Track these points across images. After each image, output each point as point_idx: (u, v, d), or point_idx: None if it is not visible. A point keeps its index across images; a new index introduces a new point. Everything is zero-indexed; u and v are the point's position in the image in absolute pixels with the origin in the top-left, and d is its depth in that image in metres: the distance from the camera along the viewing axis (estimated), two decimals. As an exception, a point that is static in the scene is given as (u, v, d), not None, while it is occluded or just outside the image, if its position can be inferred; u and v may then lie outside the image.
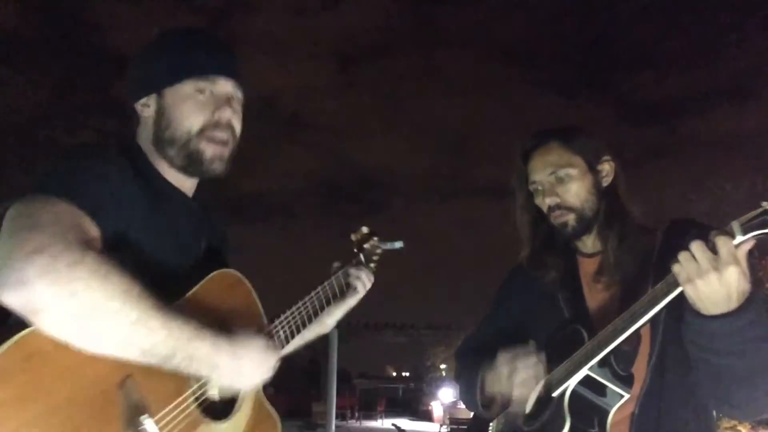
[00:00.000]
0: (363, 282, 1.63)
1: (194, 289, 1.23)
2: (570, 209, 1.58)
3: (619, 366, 1.45)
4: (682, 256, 1.24)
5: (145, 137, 1.34)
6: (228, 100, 1.32)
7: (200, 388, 1.17)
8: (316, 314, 1.48)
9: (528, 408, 1.54)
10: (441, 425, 23.31)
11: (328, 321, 1.62)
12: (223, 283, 1.30)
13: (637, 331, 1.40)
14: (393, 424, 17.95)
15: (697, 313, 1.28)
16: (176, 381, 1.12)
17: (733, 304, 1.23)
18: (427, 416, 30.46)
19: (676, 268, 1.26)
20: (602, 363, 1.44)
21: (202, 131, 1.29)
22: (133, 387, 1.04)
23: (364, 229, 1.71)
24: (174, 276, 1.24)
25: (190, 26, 1.40)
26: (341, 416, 26.72)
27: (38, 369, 0.93)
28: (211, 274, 1.27)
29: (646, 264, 1.54)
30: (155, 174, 1.32)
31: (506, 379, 1.54)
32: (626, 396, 1.43)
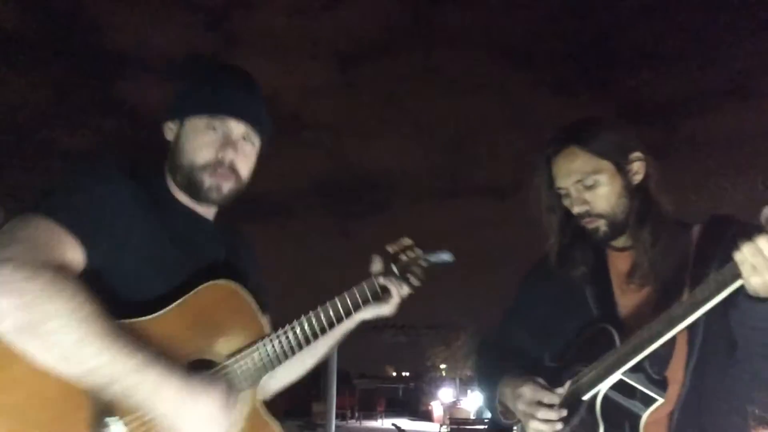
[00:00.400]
0: (396, 293, 1.50)
1: (179, 300, 1.21)
2: (600, 216, 1.51)
3: (653, 369, 1.40)
4: (748, 250, 1.17)
5: (168, 155, 1.41)
6: (234, 143, 1.36)
7: None
8: (338, 321, 1.39)
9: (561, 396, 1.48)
10: (441, 425, 23.31)
11: (355, 319, 1.49)
12: (213, 295, 1.27)
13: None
14: (393, 424, 17.95)
15: (755, 298, 1.23)
16: None
17: None
18: (427, 416, 30.48)
19: (738, 257, 1.18)
20: (636, 367, 1.38)
21: (204, 167, 1.34)
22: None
23: (406, 241, 1.54)
24: (173, 289, 1.24)
25: (226, 63, 1.47)
26: (341, 416, 26.73)
27: (3, 370, 0.98)
28: (199, 287, 1.24)
29: (683, 262, 1.47)
30: (165, 192, 1.38)
31: (523, 415, 1.48)
32: (660, 401, 1.37)
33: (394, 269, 1.50)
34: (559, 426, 1.44)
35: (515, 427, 1.62)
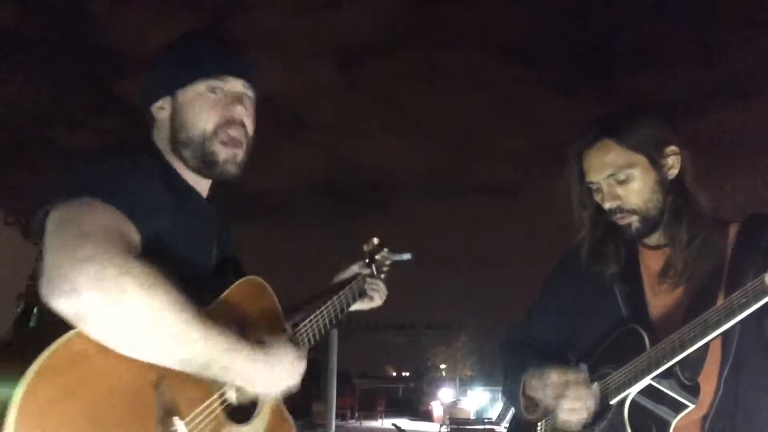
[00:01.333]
0: (381, 294, 1.71)
1: (224, 294, 1.25)
2: (633, 211, 1.46)
3: (685, 375, 1.36)
4: None
5: (161, 140, 1.36)
6: (239, 98, 1.33)
7: (221, 395, 1.18)
8: (336, 317, 1.54)
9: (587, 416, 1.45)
10: (441, 425, 23.30)
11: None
12: (250, 290, 1.33)
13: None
14: (393, 424, 17.95)
15: None
16: (203, 384, 1.14)
17: None
18: (427, 416, 30.47)
19: None
20: (667, 373, 1.34)
21: (215, 130, 1.30)
22: (167, 389, 1.06)
23: (375, 240, 1.75)
24: (197, 279, 1.23)
25: (199, 28, 1.42)
26: (341, 416, 26.72)
27: (82, 367, 0.97)
28: (239, 281, 1.29)
29: (719, 262, 1.43)
30: (175, 175, 1.34)
31: (553, 399, 1.45)
32: (691, 407, 1.34)
33: (374, 269, 1.71)
34: (585, 414, 1.41)
35: (539, 425, 1.60)
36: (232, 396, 1.20)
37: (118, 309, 0.97)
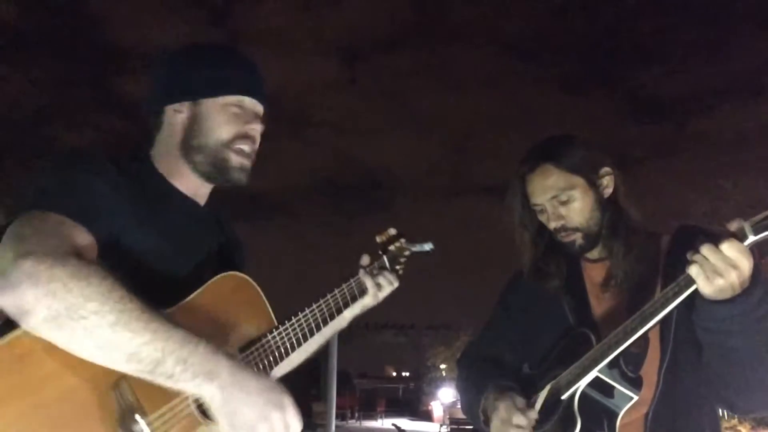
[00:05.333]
0: (383, 287, 1.59)
1: (195, 293, 1.22)
2: (576, 229, 1.58)
3: (628, 368, 1.46)
4: (699, 257, 1.27)
5: (167, 140, 1.38)
6: (257, 117, 1.41)
7: None
8: (331, 317, 1.46)
9: (535, 413, 1.54)
10: (441, 425, 23.31)
11: (347, 315, 1.58)
12: (226, 287, 1.29)
13: (645, 334, 1.41)
14: (393, 424, 17.97)
15: (707, 300, 1.32)
16: None
17: (738, 290, 1.29)
18: (427, 416, 30.50)
19: (693, 270, 1.28)
20: (611, 365, 1.44)
21: (231, 141, 1.36)
22: (127, 387, 1.04)
23: (392, 231, 1.67)
24: (173, 280, 1.25)
25: (222, 44, 1.49)
26: (341, 416, 26.75)
27: (29, 369, 0.95)
28: (215, 278, 1.26)
29: (653, 269, 1.55)
30: (157, 178, 1.36)
31: (500, 426, 1.55)
32: (635, 398, 1.43)
33: (385, 261, 1.61)
34: (537, 403, 1.52)
35: None
36: None
37: (50, 301, 0.96)
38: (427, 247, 1.69)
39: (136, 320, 1.01)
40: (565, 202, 1.57)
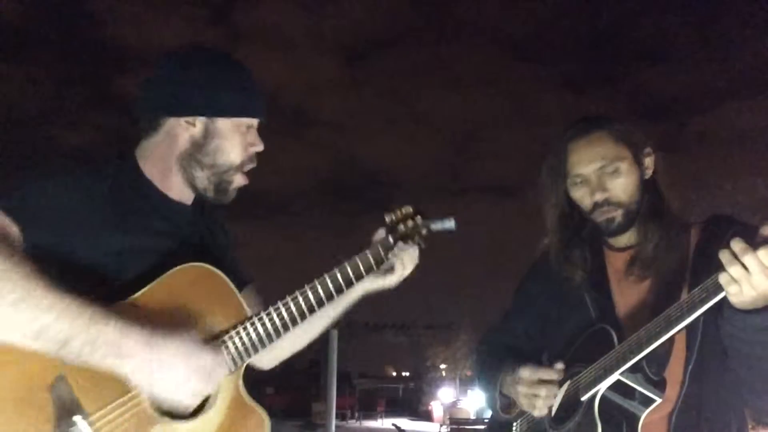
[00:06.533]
0: (410, 260, 1.46)
1: (149, 285, 1.19)
2: (618, 205, 1.51)
3: (651, 370, 1.40)
4: (730, 264, 1.18)
5: (162, 147, 1.36)
6: (258, 135, 1.43)
7: None
8: (319, 304, 1.33)
9: (554, 411, 1.50)
10: (441, 425, 23.29)
11: (359, 288, 1.47)
12: (185, 278, 1.24)
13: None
14: (393, 424, 17.95)
15: (736, 309, 1.24)
16: (121, 380, 1.07)
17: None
18: (427, 416, 30.48)
19: (723, 278, 1.20)
20: (634, 368, 1.38)
21: (241, 165, 1.39)
22: (65, 386, 1.02)
23: (407, 208, 1.43)
24: (149, 278, 1.22)
25: (235, 60, 1.43)
26: (341, 416, 26.73)
27: None
28: (171, 270, 1.22)
29: (682, 262, 1.48)
30: (140, 180, 1.35)
31: (525, 397, 1.51)
32: (658, 401, 1.38)
33: (390, 240, 1.42)
34: (555, 401, 1.47)
35: (515, 424, 1.63)
36: None
37: None
38: (449, 224, 1.45)
39: (41, 298, 0.98)
40: (613, 173, 1.50)
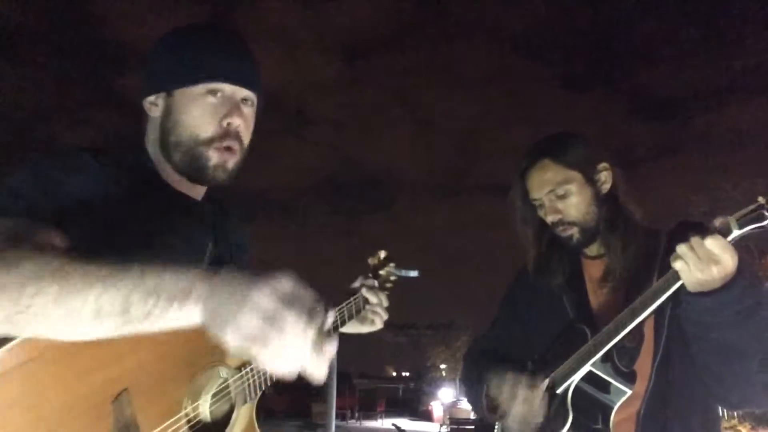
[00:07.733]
0: (381, 317, 1.58)
1: None
2: (572, 224, 1.62)
3: (622, 362, 1.48)
4: (683, 251, 1.31)
5: (152, 138, 1.28)
6: (239, 106, 1.25)
7: (194, 410, 1.11)
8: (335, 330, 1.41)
9: (535, 413, 1.55)
10: (441, 425, 23.31)
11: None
12: None
13: (641, 329, 1.45)
14: (393, 424, 17.96)
15: (692, 293, 1.35)
16: (170, 401, 1.06)
17: (720, 284, 1.32)
18: (427, 416, 30.51)
19: (678, 263, 1.32)
20: (605, 359, 1.48)
21: (210, 140, 1.22)
22: (127, 402, 1.01)
23: (382, 254, 1.68)
24: None
25: (206, 23, 1.30)
26: (341, 416, 26.74)
27: (33, 375, 0.91)
28: None
29: (651, 266, 1.56)
30: (147, 172, 1.26)
31: (507, 398, 1.58)
32: (629, 392, 1.46)
33: (375, 283, 1.57)
34: (533, 414, 1.54)
35: (497, 426, 1.71)
36: (204, 410, 1.14)
37: None
38: (413, 273, 1.72)
39: (81, 279, 0.88)
40: (562, 196, 1.60)
